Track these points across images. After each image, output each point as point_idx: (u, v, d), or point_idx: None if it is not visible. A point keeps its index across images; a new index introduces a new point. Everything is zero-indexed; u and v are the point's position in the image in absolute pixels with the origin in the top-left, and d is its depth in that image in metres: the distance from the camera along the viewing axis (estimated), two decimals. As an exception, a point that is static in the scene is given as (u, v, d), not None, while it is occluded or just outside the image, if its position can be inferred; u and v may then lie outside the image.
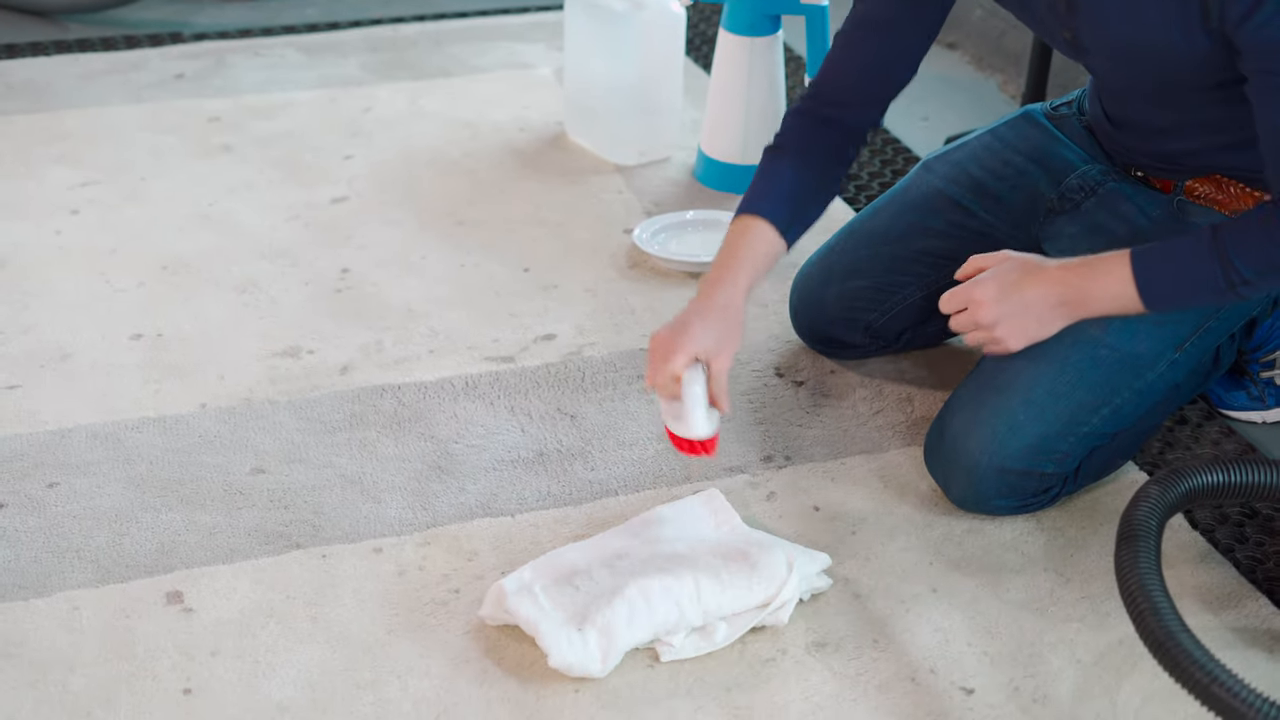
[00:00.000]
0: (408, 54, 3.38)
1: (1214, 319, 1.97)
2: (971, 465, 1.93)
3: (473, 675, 1.71)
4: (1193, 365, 1.99)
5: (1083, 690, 1.70)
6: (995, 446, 1.91)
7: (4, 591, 1.83)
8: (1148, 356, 1.94)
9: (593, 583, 1.76)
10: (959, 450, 1.94)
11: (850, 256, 2.23)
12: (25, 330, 2.35)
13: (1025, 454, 1.91)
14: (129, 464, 2.05)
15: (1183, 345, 1.96)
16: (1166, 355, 1.95)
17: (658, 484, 2.03)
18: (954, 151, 2.23)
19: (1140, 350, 1.93)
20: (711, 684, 1.71)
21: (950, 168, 2.20)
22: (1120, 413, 1.94)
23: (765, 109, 2.74)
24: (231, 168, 2.86)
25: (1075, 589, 1.85)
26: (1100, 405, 1.92)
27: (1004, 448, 1.91)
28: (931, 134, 3.06)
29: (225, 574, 1.86)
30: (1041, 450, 1.91)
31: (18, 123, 3.03)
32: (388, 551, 1.90)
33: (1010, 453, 1.91)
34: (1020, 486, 1.93)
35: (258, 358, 2.29)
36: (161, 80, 3.23)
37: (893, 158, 2.94)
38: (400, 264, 2.54)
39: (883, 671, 1.73)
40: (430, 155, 2.92)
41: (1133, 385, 1.94)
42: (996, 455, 1.91)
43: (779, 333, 2.34)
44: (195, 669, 1.72)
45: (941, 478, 1.98)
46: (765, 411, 2.17)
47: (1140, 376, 1.94)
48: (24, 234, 2.62)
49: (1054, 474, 1.94)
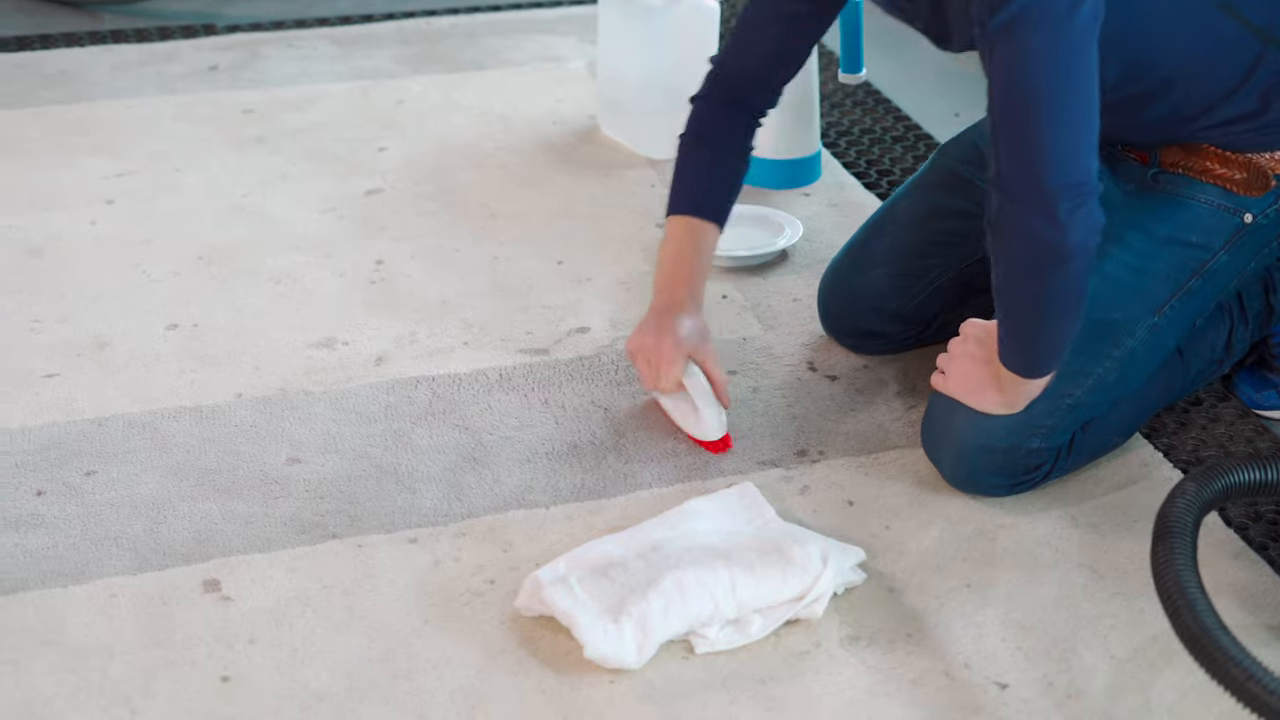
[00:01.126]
0: (440, 46, 3.39)
1: (1197, 278, 1.98)
2: (958, 443, 1.95)
3: (508, 666, 1.72)
4: (1181, 330, 2.00)
5: (1117, 686, 1.70)
6: (979, 422, 1.92)
7: (43, 578, 1.84)
8: (1124, 323, 1.95)
9: (628, 575, 1.76)
10: (945, 429, 1.96)
11: (875, 247, 2.24)
12: (62, 319, 2.36)
13: (1009, 430, 1.92)
14: (166, 453, 2.06)
15: (1162, 308, 1.97)
16: (1145, 320, 1.96)
17: (691, 477, 2.03)
18: (968, 131, 2.26)
19: (1115, 318, 1.94)
20: (746, 676, 1.71)
21: (963, 148, 2.23)
22: (1104, 383, 1.95)
23: (797, 104, 2.74)
24: (265, 159, 2.87)
25: (1109, 585, 1.85)
26: (1081, 376, 1.93)
27: (987, 424, 1.92)
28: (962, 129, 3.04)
29: (262, 563, 1.87)
30: (1025, 426, 1.92)
31: (53, 113, 3.05)
32: (423, 542, 1.91)
33: (993, 429, 1.92)
34: (1008, 465, 1.94)
35: (293, 348, 2.30)
36: (195, 71, 3.25)
37: (925, 153, 2.93)
38: (434, 256, 2.55)
39: (917, 666, 1.73)
40: (463, 148, 2.93)
41: (1112, 354, 1.95)
42: (980, 432, 1.93)
43: (812, 327, 2.34)
44: (233, 657, 1.73)
45: (934, 458, 2.00)
46: (799, 406, 2.17)
47: (1119, 344, 1.95)
48: (60, 224, 2.64)
49: (1042, 449, 1.94)
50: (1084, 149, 1.71)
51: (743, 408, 2.16)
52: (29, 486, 2.00)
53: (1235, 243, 1.98)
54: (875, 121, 3.07)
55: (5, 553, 1.88)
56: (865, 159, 2.92)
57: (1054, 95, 1.69)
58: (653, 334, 2.04)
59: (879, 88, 3.21)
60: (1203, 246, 1.97)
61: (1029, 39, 1.67)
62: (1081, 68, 1.70)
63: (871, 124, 3.06)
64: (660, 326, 2.04)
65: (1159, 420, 2.14)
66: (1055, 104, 1.69)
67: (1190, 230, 1.98)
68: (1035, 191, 1.71)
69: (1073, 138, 1.70)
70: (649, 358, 2.05)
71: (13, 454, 2.06)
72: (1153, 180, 2.01)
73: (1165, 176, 2.01)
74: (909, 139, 3.00)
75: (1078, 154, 1.71)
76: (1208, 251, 1.98)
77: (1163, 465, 2.05)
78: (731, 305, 2.41)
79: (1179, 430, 2.12)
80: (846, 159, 2.91)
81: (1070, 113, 1.70)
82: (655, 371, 2.04)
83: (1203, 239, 1.97)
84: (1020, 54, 1.68)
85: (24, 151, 2.89)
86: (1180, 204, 1.99)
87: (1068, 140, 1.70)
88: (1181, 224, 1.98)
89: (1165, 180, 2.00)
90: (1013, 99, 1.70)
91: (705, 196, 2.11)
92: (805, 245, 2.59)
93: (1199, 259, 1.98)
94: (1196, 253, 1.97)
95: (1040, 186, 1.71)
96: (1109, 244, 1.91)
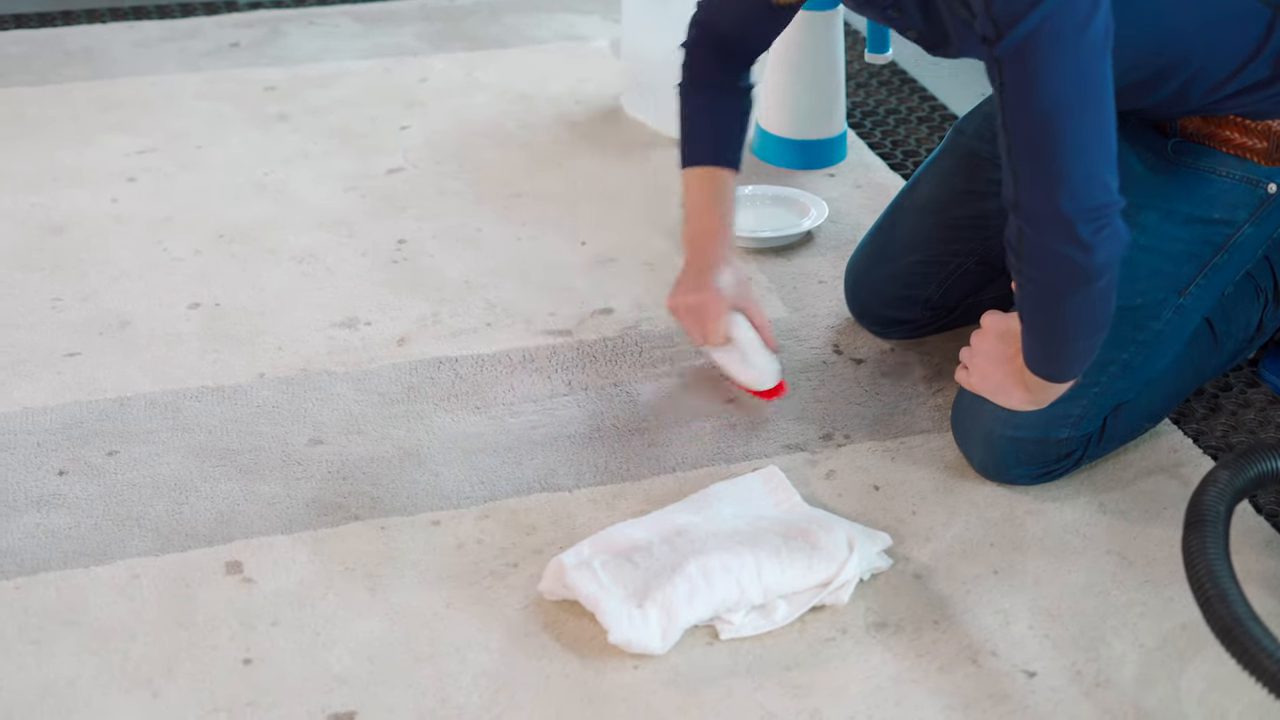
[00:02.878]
0: (464, 24, 3.37)
1: (1222, 253, 1.95)
2: (986, 433, 1.93)
3: (532, 650, 1.71)
4: (1208, 305, 1.97)
5: (1146, 675, 1.69)
6: (1007, 414, 1.90)
7: (65, 558, 1.83)
8: (1148, 306, 1.92)
9: (652, 559, 1.75)
10: (973, 421, 1.95)
11: (899, 233, 2.22)
12: (84, 298, 2.35)
13: (1036, 422, 1.90)
14: (188, 433, 2.06)
15: (1186, 288, 1.94)
16: (1170, 302, 1.93)
17: (716, 461, 2.02)
18: (983, 105, 2.22)
19: (1139, 303, 1.91)
20: (771, 663, 1.70)
21: (980, 124, 2.19)
22: (1130, 367, 1.93)
23: (825, 84, 2.72)
24: (287, 137, 2.86)
25: (1138, 572, 1.83)
26: (1106, 362, 1.91)
27: (1015, 416, 1.90)
28: (990, 110, 3.03)
29: (284, 544, 1.86)
30: (1052, 417, 1.90)
31: (75, 90, 3.04)
32: (446, 524, 1.90)
33: (1022, 420, 1.90)
34: (1038, 454, 1.92)
35: (315, 328, 2.29)
36: (217, 48, 3.23)
37: (951, 134, 2.91)
38: (456, 236, 2.54)
39: (943, 653, 1.71)
40: (486, 127, 2.91)
41: (1136, 338, 1.92)
42: (1009, 423, 1.91)
43: (837, 309, 2.33)
44: (255, 639, 1.72)
45: (964, 449, 1.99)
46: (825, 390, 2.16)
47: (1143, 328, 1.92)
48: (82, 201, 2.63)
49: (1071, 438, 1.93)
50: (1104, 167, 1.66)
51: (768, 391, 2.15)
52: (51, 466, 1.99)
53: (1260, 214, 1.94)
54: (901, 102, 3.05)
55: (27, 533, 1.87)
56: (891, 140, 2.90)
57: (1071, 118, 1.63)
58: (693, 290, 2.03)
59: (905, 68, 3.19)
60: (1226, 222, 1.94)
61: (1041, 61, 1.60)
62: (1096, 86, 1.64)
63: (897, 104, 3.04)
64: (700, 282, 2.03)
65: (1188, 406, 2.12)
66: (1073, 127, 1.63)
67: (1212, 206, 1.94)
68: (1058, 217, 1.66)
69: (1093, 159, 1.65)
70: (693, 314, 2.03)
71: (34, 433, 2.05)
72: (1173, 152, 1.97)
73: (1186, 147, 1.97)
74: (934, 119, 2.98)
75: (1100, 174, 1.65)
76: (1231, 226, 1.94)
77: (1192, 451, 2.03)
78: (756, 287, 2.39)
79: (1209, 416, 2.10)
80: (872, 140, 2.89)
81: (1088, 135, 1.64)
82: (702, 326, 2.03)
83: (1226, 214, 1.94)
84: (1033, 76, 1.62)
85: (46, 129, 2.89)
86: (1201, 179, 1.95)
87: (1088, 162, 1.65)
88: (1203, 201, 1.94)
89: (1186, 152, 1.97)
90: (1027, 123, 1.64)
91: (715, 144, 2.09)
92: (830, 226, 2.57)
93: (1223, 234, 1.94)
94: (1220, 229, 1.94)
95: (1063, 212, 1.65)
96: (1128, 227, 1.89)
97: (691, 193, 2.09)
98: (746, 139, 2.13)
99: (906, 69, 3.18)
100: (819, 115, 2.75)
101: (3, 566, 1.82)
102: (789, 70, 2.72)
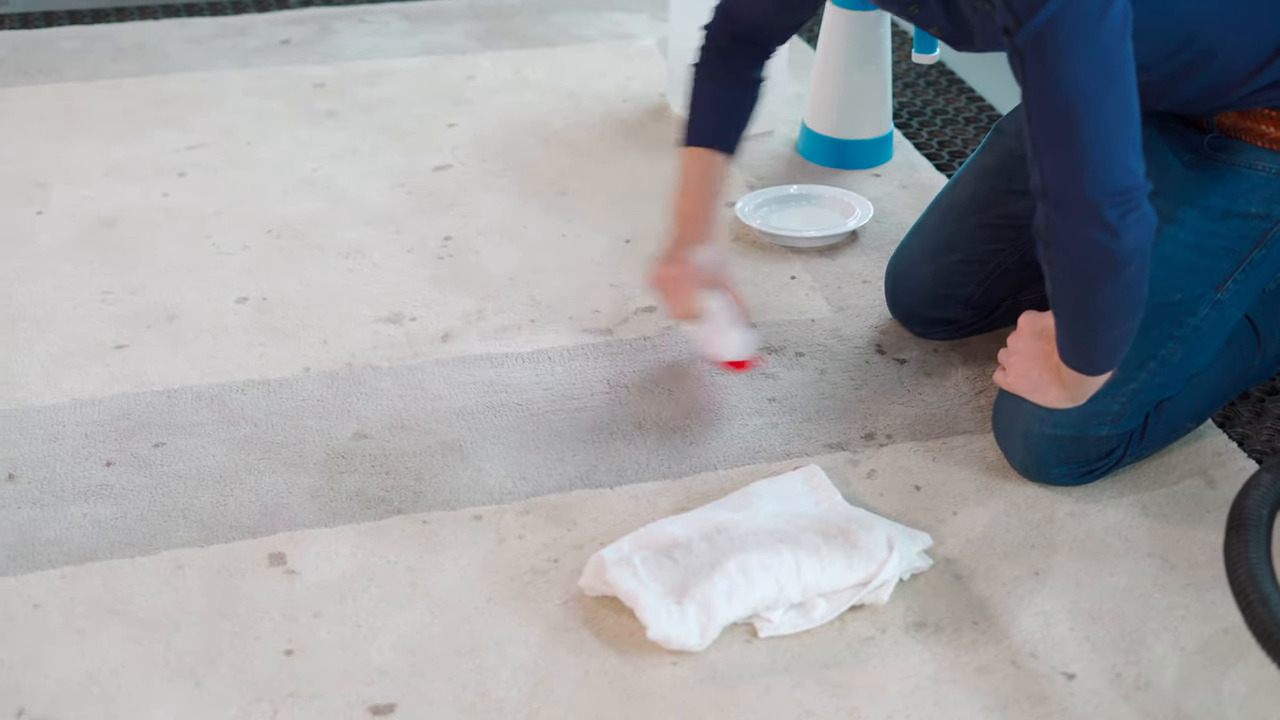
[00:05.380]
0: (511, 23, 3.39)
1: (1260, 248, 1.93)
2: (1025, 433, 1.93)
3: (571, 645, 1.72)
4: (1248, 300, 1.95)
5: (1186, 679, 1.68)
6: (1045, 413, 1.90)
7: (111, 548, 1.85)
8: (1185, 302, 1.91)
9: (692, 556, 1.76)
10: (1013, 421, 1.95)
11: (940, 233, 2.22)
12: (133, 291, 2.38)
13: (1075, 420, 1.90)
14: (233, 425, 2.07)
15: (1224, 284, 1.92)
16: (1207, 298, 1.92)
17: (756, 459, 2.02)
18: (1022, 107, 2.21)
19: (1176, 299, 1.90)
20: (809, 661, 1.70)
21: (1019, 124, 2.18)
22: (1169, 363, 1.92)
23: (871, 84, 2.72)
24: (335, 134, 2.88)
25: (1180, 576, 1.82)
26: (1145, 359, 1.90)
27: (1053, 415, 1.90)
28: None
29: (327, 537, 1.87)
30: (1090, 414, 1.89)
31: (126, 85, 3.07)
32: (488, 519, 1.91)
33: (1059, 418, 1.90)
34: (1077, 453, 1.92)
35: (361, 323, 2.30)
36: (267, 45, 3.26)
37: (998, 135, 2.91)
38: (502, 233, 2.55)
39: (983, 654, 1.71)
40: (533, 125, 2.92)
41: (1175, 334, 1.91)
42: (1047, 422, 1.91)
43: (881, 309, 2.33)
44: (297, 630, 1.74)
45: (1005, 449, 1.99)
46: (867, 389, 2.16)
47: (1181, 324, 1.91)
48: (132, 196, 2.65)
49: (1111, 435, 1.92)
50: (1129, 151, 1.65)
51: (809, 390, 2.15)
52: (98, 457, 2.01)
53: None
54: (948, 102, 3.04)
55: (74, 523, 1.89)
56: (937, 140, 2.89)
57: (1093, 103, 1.63)
58: (670, 265, 2.10)
59: (952, 68, 3.18)
60: (1263, 216, 1.92)
61: (1061, 48, 1.61)
62: (1118, 70, 1.63)
63: (944, 105, 3.03)
64: (678, 257, 2.10)
65: (1233, 409, 2.11)
66: (1095, 113, 1.63)
67: (1249, 201, 1.93)
68: (1085, 203, 1.66)
69: (1116, 143, 1.65)
70: (669, 287, 2.09)
71: (83, 424, 2.07)
72: (1209, 148, 1.96)
73: (1221, 143, 1.95)
74: (981, 120, 2.97)
75: (1124, 158, 1.65)
76: (1269, 220, 1.93)
77: (1236, 455, 2.02)
78: (800, 286, 2.40)
79: (1254, 420, 2.09)
80: (918, 140, 2.89)
81: (1111, 119, 1.64)
82: (677, 299, 2.08)
83: (1263, 209, 1.92)
84: (1053, 64, 1.62)
85: (98, 124, 2.91)
86: (1237, 174, 1.93)
87: (1111, 147, 1.64)
88: (1239, 195, 1.93)
89: (1221, 148, 1.95)
90: (1050, 111, 1.65)
91: (716, 128, 2.14)
92: (875, 226, 2.57)
93: (1260, 229, 1.93)
94: (1257, 223, 1.93)
95: (1089, 198, 1.65)
96: (1164, 224, 1.88)
97: (685, 171, 2.14)
98: (749, 128, 2.16)
99: (954, 69, 3.17)
100: (865, 115, 2.74)
101: (49, 556, 1.84)
102: (835, 70, 2.72)
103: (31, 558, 1.83)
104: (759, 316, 2.30)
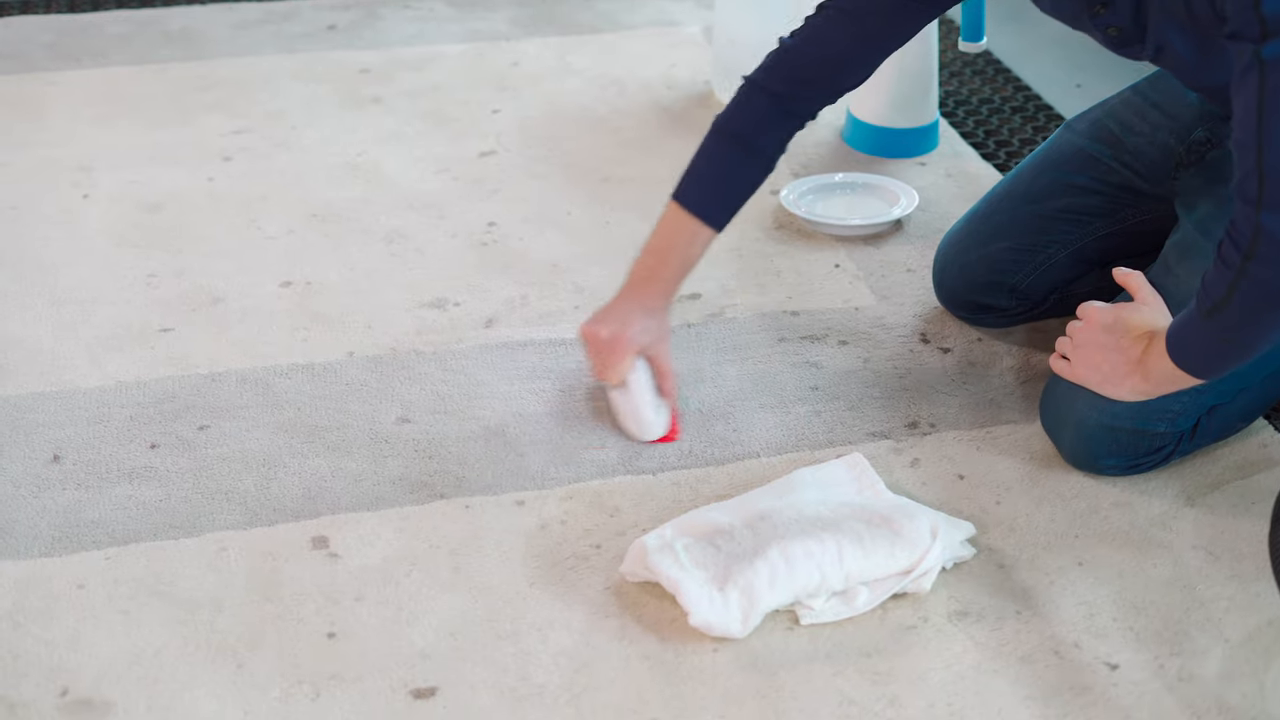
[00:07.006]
0: (556, 9, 3.39)
1: None
2: (1079, 422, 1.91)
3: (612, 631, 1.72)
4: None
5: (1230, 670, 1.67)
6: (1104, 404, 1.88)
7: (155, 530, 1.86)
8: None
9: (734, 543, 1.75)
10: (1068, 410, 1.93)
11: (995, 220, 2.21)
12: (178, 274, 2.39)
13: (1136, 413, 1.88)
14: (277, 409, 2.08)
15: None
16: None
17: (800, 446, 2.02)
18: (1095, 109, 2.22)
19: None
20: (851, 649, 1.70)
21: (1090, 125, 2.18)
22: (1239, 373, 1.88)
23: (916, 72, 2.71)
24: (380, 119, 2.89)
25: (1224, 567, 1.81)
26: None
27: (1112, 407, 1.88)
28: (1085, 100, 2.99)
29: (370, 521, 1.88)
30: (1152, 410, 1.88)
31: (173, 70, 3.08)
32: (530, 505, 1.91)
33: (1119, 410, 1.88)
34: (1131, 445, 1.91)
35: (404, 308, 2.30)
36: (313, 31, 3.26)
37: (1045, 124, 2.89)
38: (545, 219, 2.55)
39: (1026, 643, 1.70)
40: (577, 111, 2.92)
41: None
42: (1105, 413, 1.89)
43: (925, 298, 2.32)
44: (339, 613, 1.74)
45: (1053, 435, 1.97)
46: (910, 378, 2.15)
47: None
48: (179, 180, 2.66)
49: (1166, 433, 1.91)
50: None
51: (853, 378, 2.14)
52: (143, 439, 2.02)
53: None
54: (995, 91, 3.03)
55: (119, 504, 1.90)
56: (984, 129, 2.88)
57: None
58: (608, 325, 2.00)
59: (999, 57, 3.16)
60: None
61: None
62: None
63: (991, 94, 3.02)
64: (621, 320, 2.00)
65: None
66: None
67: None
68: None
69: None
70: (601, 348, 2.01)
71: (128, 407, 2.08)
72: None
73: None
74: (1029, 109, 2.95)
75: None
76: None
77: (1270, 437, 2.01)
78: (844, 274, 2.39)
79: (1301, 412, 2.08)
80: (964, 129, 2.87)
81: None
82: (603, 363, 2.02)
83: None
84: None
85: (145, 108, 2.93)
86: None
87: None
88: None
89: None
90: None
91: (715, 199, 2.03)
92: (920, 215, 2.56)
93: None
94: None
95: None
96: None
97: (664, 230, 2.04)
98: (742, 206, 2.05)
99: (1001, 59, 3.15)
100: (911, 104, 2.73)
101: (94, 537, 1.85)
102: (881, 58, 2.71)
103: (77, 539, 1.85)
104: (802, 304, 2.30)
